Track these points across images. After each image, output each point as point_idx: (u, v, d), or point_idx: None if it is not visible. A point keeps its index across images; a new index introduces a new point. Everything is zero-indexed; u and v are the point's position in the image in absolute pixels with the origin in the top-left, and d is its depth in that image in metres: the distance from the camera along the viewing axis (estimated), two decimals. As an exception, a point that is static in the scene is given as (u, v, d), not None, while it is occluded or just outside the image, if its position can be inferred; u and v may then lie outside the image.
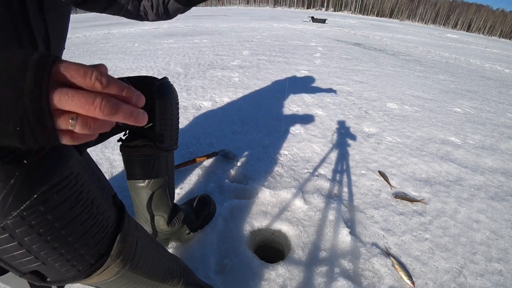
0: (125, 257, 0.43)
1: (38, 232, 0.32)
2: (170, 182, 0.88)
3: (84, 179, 0.37)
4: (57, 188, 0.33)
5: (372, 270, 0.94)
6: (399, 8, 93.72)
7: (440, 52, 7.15)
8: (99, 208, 0.39)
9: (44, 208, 0.32)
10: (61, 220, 0.34)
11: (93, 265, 0.39)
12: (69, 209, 0.34)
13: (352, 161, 1.58)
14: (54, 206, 0.33)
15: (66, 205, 0.34)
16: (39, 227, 0.32)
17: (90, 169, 0.40)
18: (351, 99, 2.63)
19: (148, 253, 0.51)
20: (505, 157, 1.83)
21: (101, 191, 0.41)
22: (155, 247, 0.57)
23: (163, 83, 0.75)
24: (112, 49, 4.57)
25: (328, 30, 9.99)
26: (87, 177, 0.38)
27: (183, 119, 1.95)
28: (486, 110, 2.79)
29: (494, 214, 1.27)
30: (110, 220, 0.41)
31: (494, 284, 0.93)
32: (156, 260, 0.54)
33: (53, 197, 0.32)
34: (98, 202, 0.39)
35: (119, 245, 0.42)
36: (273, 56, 4.30)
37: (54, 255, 0.35)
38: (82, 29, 8.02)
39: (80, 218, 0.36)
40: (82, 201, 0.36)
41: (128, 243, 0.44)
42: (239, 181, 1.34)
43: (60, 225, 0.34)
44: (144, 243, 0.51)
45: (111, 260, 0.41)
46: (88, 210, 0.37)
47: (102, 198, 0.40)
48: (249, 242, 1.01)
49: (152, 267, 0.52)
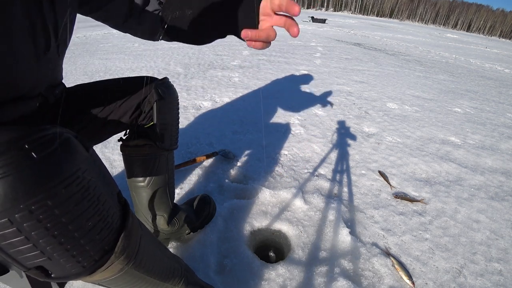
0: (129, 254, 0.44)
1: (45, 226, 0.32)
2: (170, 182, 0.88)
3: (91, 176, 0.37)
4: (65, 183, 0.33)
5: (372, 270, 0.94)
6: (399, 8, 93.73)
7: (440, 52, 7.15)
8: (105, 205, 0.39)
9: (52, 203, 0.32)
10: (68, 215, 0.34)
11: (98, 262, 0.39)
12: (76, 204, 0.34)
13: (352, 161, 1.58)
14: (62, 201, 0.33)
15: (73, 201, 0.34)
16: (46, 222, 0.32)
17: (96, 166, 0.40)
18: (351, 99, 2.63)
19: (151, 251, 0.52)
20: (505, 157, 1.83)
21: (107, 188, 0.41)
22: (158, 246, 0.57)
23: (163, 83, 0.75)
24: (112, 49, 4.57)
25: (328, 30, 9.99)
26: (94, 173, 0.38)
27: (183, 119, 1.95)
28: (486, 110, 2.79)
29: (494, 214, 1.27)
30: (115, 217, 0.42)
31: (494, 284, 0.93)
32: (158, 258, 0.55)
33: (61, 192, 0.32)
34: (104, 198, 0.39)
35: (124, 242, 0.42)
36: (273, 56, 4.30)
37: (60, 250, 0.35)
38: (82, 29, 8.02)
39: (86, 214, 0.36)
40: (89, 197, 0.36)
41: (132, 241, 0.44)
42: (239, 181, 1.34)
43: (67, 220, 0.34)
44: (147, 242, 0.51)
45: (115, 257, 0.41)
46: (95, 206, 0.37)
47: (107, 195, 0.41)
48: (249, 242, 1.01)
49: (154, 265, 0.52)
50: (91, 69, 3.29)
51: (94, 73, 3.09)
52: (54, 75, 0.57)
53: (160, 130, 0.75)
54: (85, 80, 2.83)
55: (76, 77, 2.97)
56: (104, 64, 3.53)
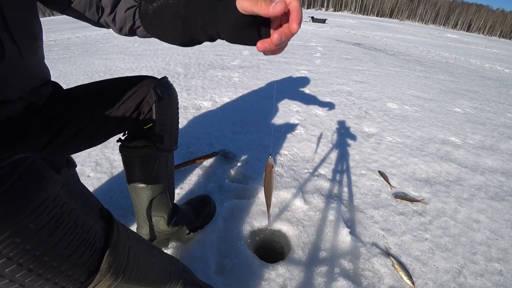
0: (116, 269, 0.43)
1: (18, 263, 0.31)
2: (170, 182, 0.87)
3: (63, 200, 0.35)
4: (33, 216, 0.31)
5: (372, 270, 0.94)
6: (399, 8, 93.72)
7: (440, 52, 7.15)
8: (84, 227, 0.37)
9: (21, 239, 0.30)
10: (42, 248, 0.32)
11: (84, 283, 0.38)
12: (49, 235, 0.33)
13: (352, 161, 1.58)
14: (32, 234, 0.31)
15: (46, 232, 0.32)
16: (18, 258, 0.30)
17: (70, 186, 0.37)
18: (351, 99, 2.63)
19: (142, 260, 0.50)
20: (505, 157, 1.83)
21: (85, 208, 0.39)
22: (150, 252, 0.55)
23: (162, 83, 0.74)
24: (112, 49, 4.57)
25: (328, 30, 9.99)
26: (67, 197, 0.36)
27: (183, 119, 1.95)
28: (486, 110, 2.79)
29: (494, 214, 1.27)
30: (98, 236, 0.40)
31: (494, 284, 0.93)
32: (151, 266, 0.53)
33: (29, 226, 0.31)
34: (82, 220, 0.37)
35: (109, 259, 0.41)
36: (273, 56, 4.30)
37: (40, 281, 0.33)
38: (82, 29, 8.02)
39: (63, 241, 0.34)
40: (64, 223, 0.34)
41: (119, 256, 0.43)
42: (239, 181, 1.34)
43: (42, 252, 0.32)
44: (137, 251, 0.49)
45: (100, 275, 0.40)
46: (72, 232, 0.35)
47: (86, 215, 0.39)
48: (249, 242, 1.01)
49: (147, 274, 0.51)
50: (91, 69, 3.29)
51: (94, 73, 3.09)
52: (32, 77, 0.55)
53: (159, 131, 0.75)
54: (85, 80, 2.83)
55: (76, 77, 2.97)
56: (104, 64, 3.53)
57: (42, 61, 0.60)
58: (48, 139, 0.61)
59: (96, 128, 0.67)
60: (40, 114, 0.60)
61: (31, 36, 0.53)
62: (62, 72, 3.17)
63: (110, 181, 1.29)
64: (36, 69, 0.57)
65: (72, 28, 8.77)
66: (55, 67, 3.43)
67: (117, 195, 1.19)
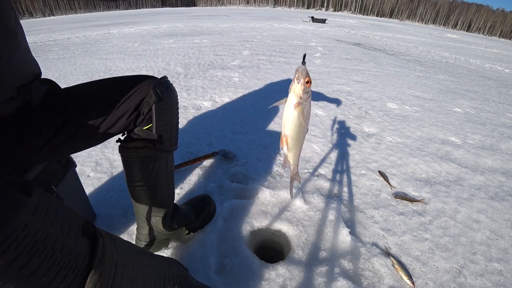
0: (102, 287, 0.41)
1: None
2: (170, 182, 0.87)
3: (35, 227, 0.33)
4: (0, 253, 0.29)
5: (372, 270, 0.94)
6: (399, 8, 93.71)
7: (440, 52, 7.15)
8: (64, 251, 0.36)
9: None
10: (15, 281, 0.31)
11: None
12: (21, 267, 0.31)
13: (352, 161, 1.58)
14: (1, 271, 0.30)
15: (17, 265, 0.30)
16: None
17: (44, 209, 0.35)
18: (351, 99, 2.63)
19: (132, 273, 0.49)
20: (505, 157, 1.83)
21: (64, 229, 0.37)
22: (141, 261, 0.54)
23: (162, 83, 0.73)
24: (112, 49, 4.57)
25: (328, 30, 9.99)
26: (41, 221, 0.34)
27: (183, 119, 1.95)
28: (486, 110, 2.79)
29: (494, 214, 1.27)
30: (80, 256, 0.39)
31: (494, 284, 0.93)
32: (142, 276, 0.52)
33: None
34: (61, 244, 0.36)
35: (93, 278, 0.39)
36: (273, 56, 4.30)
37: None
38: (82, 29, 8.02)
39: (40, 270, 0.33)
40: (39, 252, 0.33)
41: (104, 273, 0.41)
42: (239, 181, 1.34)
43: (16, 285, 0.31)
44: (126, 264, 0.48)
45: None
46: (49, 259, 0.34)
47: (66, 236, 0.37)
48: (249, 242, 1.01)
49: (138, 285, 0.50)
50: (91, 69, 3.29)
51: (94, 73, 3.09)
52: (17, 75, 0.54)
53: (159, 132, 0.74)
54: (85, 80, 2.83)
55: (76, 77, 2.97)
56: (104, 64, 3.53)
57: (27, 56, 0.58)
58: (46, 138, 0.61)
59: (95, 128, 0.67)
60: (36, 114, 0.60)
61: (7, 34, 0.50)
62: (62, 72, 3.17)
63: (110, 181, 1.29)
64: (20, 66, 0.54)
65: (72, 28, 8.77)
66: (55, 67, 3.43)
67: (117, 195, 1.19)
